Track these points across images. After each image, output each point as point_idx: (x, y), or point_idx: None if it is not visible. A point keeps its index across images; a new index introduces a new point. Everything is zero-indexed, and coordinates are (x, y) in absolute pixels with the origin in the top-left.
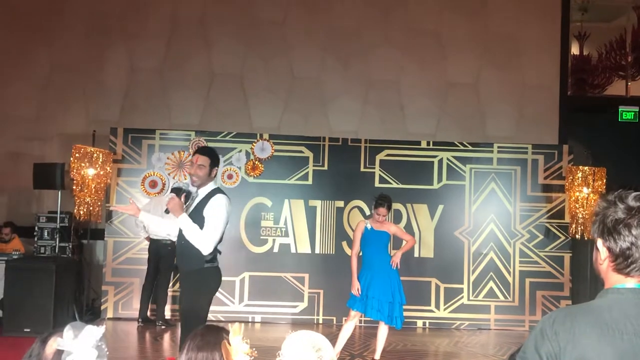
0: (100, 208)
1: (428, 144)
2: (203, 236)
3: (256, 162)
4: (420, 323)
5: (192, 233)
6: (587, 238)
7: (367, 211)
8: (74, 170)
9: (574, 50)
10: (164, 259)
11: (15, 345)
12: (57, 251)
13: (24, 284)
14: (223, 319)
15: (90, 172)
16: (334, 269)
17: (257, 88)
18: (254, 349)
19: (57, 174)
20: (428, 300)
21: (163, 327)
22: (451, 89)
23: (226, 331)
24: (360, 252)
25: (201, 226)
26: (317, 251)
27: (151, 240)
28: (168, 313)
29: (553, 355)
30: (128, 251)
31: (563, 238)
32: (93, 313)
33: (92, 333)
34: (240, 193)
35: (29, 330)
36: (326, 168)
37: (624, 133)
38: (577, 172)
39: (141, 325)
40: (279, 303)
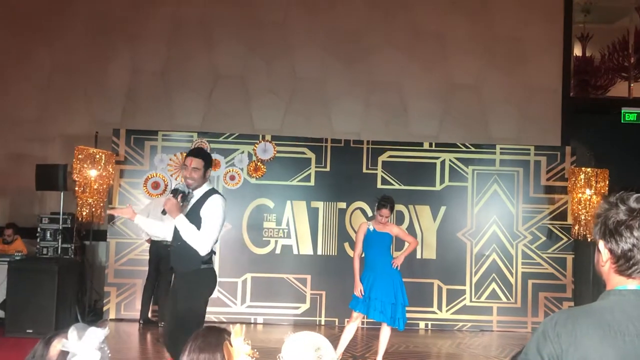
0: (102, 209)
1: (430, 146)
2: (201, 236)
3: (258, 164)
4: (422, 324)
5: (190, 234)
6: (590, 239)
7: (370, 212)
8: (77, 171)
9: (577, 51)
10: (165, 260)
11: (17, 346)
12: (60, 252)
13: (27, 285)
14: (225, 320)
15: (92, 174)
16: (336, 271)
17: (260, 89)
18: (256, 350)
19: (60, 175)
20: (430, 301)
21: None
22: (454, 91)
23: (228, 332)
24: (362, 254)
25: (198, 227)
26: (320, 252)
27: (152, 241)
28: None
29: (555, 357)
30: (130, 252)
31: (566, 239)
32: (95, 314)
33: (96, 334)
34: (242, 194)
35: (32, 331)
36: (328, 169)
37: (627, 134)
38: (580, 174)
39: (143, 326)
40: (281, 304)
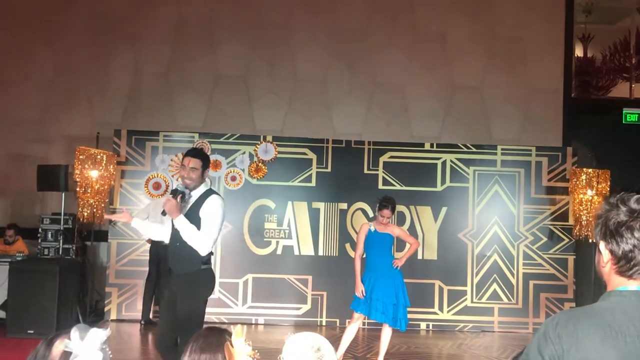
0: (103, 210)
1: (432, 146)
2: (201, 237)
3: (260, 164)
4: (423, 325)
5: (190, 234)
6: (591, 240)
7: (371, 213)
8: (78, 172)
9: (578, 52)
10: (165, 261)
11: (19, 346)
12: (61, 253)
13: (28, 286)
14: (226, 321)
15: (93, 174)
16: (338, 271)
17: (261, 90)
18: (257, 351)
19: (61, 176)
20: (431, 302)
21: None
22: (455, 91)
23: (229, 333)
24: (363, 254)
25: (197, 227)
26: (321, 253)
27: (152, 242)
28: None
29: (556, 357)
30: (132, 253)
31: (567, 240)
32: (96, 315)
33: (98, 335)
34: (243, 195)
35: (33, 331)
36: (330, 170)
37: (628, 135)
38: (581, 174)
39: (144, 327)
40: (282, 305)
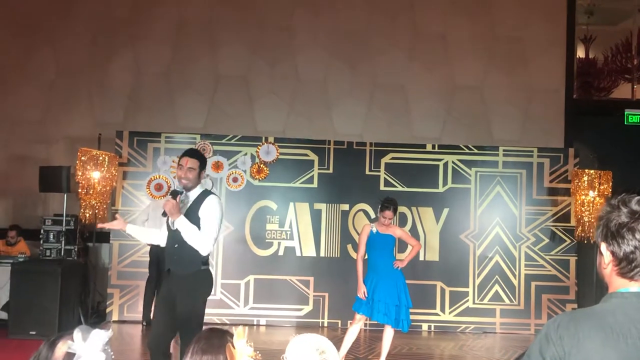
0: (105, 211)
1: (433, 147)
2: (202, 237)
3: (261, 165)
4: (425, 326)
5: (191, 234)
6: (593, 241)
7: (372, 214)
8: (80, 173)
9: (580, 53)
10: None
11: (20, 347)
12: (63, 254)
13: (30, 287)
14: (228, 322)
15: (95, 175)
16: (339, 272)
17: (263, 91)
18: (258, 352)
19: (63, 177)
20: (433, 303)
21: None
22: (457, 92)
23: (230, 334)
24: (365, 256)
25: (197, 227)
26: (322, 254)
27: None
28: None
29: (558, 359)
30: (133, 254)
31: (569, 241)
32: (98, 316)
33: (100, 336)
34: (245, 196)
35: (35, 333)
36: (331, 171)
37: (630, 136)
38: (583, 176)
39: (146, 327)
40: (284, 306)
